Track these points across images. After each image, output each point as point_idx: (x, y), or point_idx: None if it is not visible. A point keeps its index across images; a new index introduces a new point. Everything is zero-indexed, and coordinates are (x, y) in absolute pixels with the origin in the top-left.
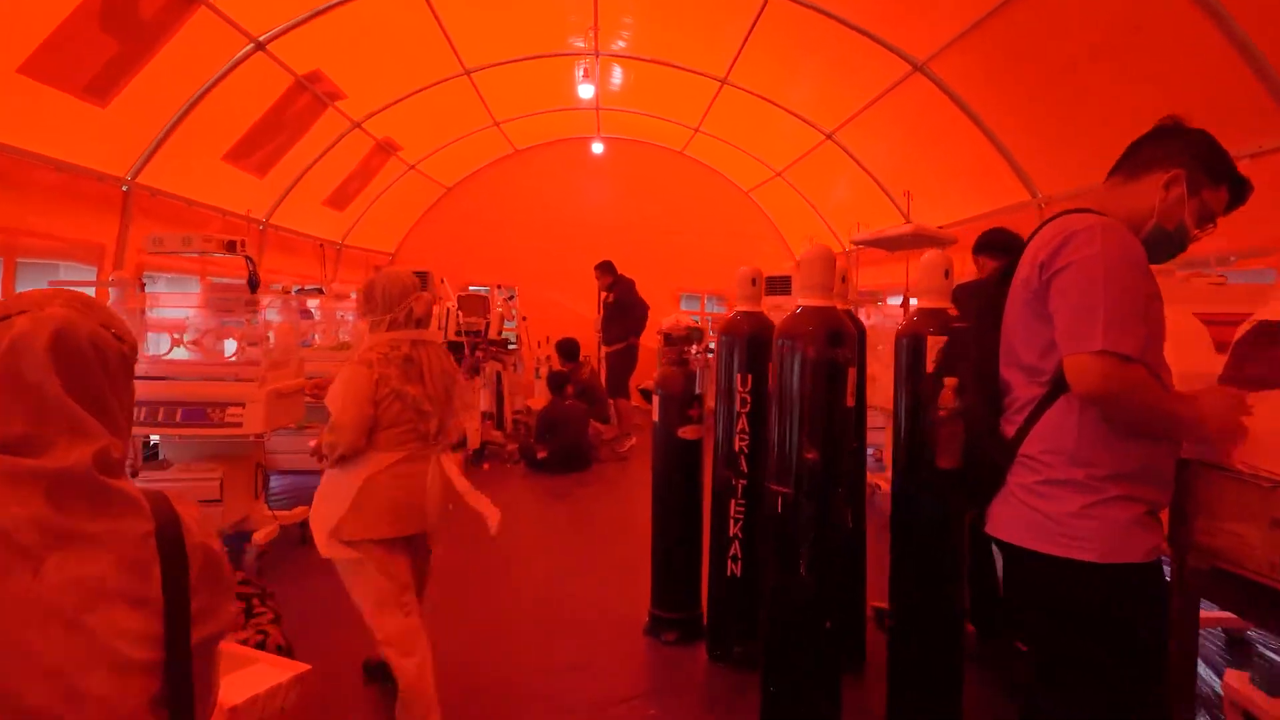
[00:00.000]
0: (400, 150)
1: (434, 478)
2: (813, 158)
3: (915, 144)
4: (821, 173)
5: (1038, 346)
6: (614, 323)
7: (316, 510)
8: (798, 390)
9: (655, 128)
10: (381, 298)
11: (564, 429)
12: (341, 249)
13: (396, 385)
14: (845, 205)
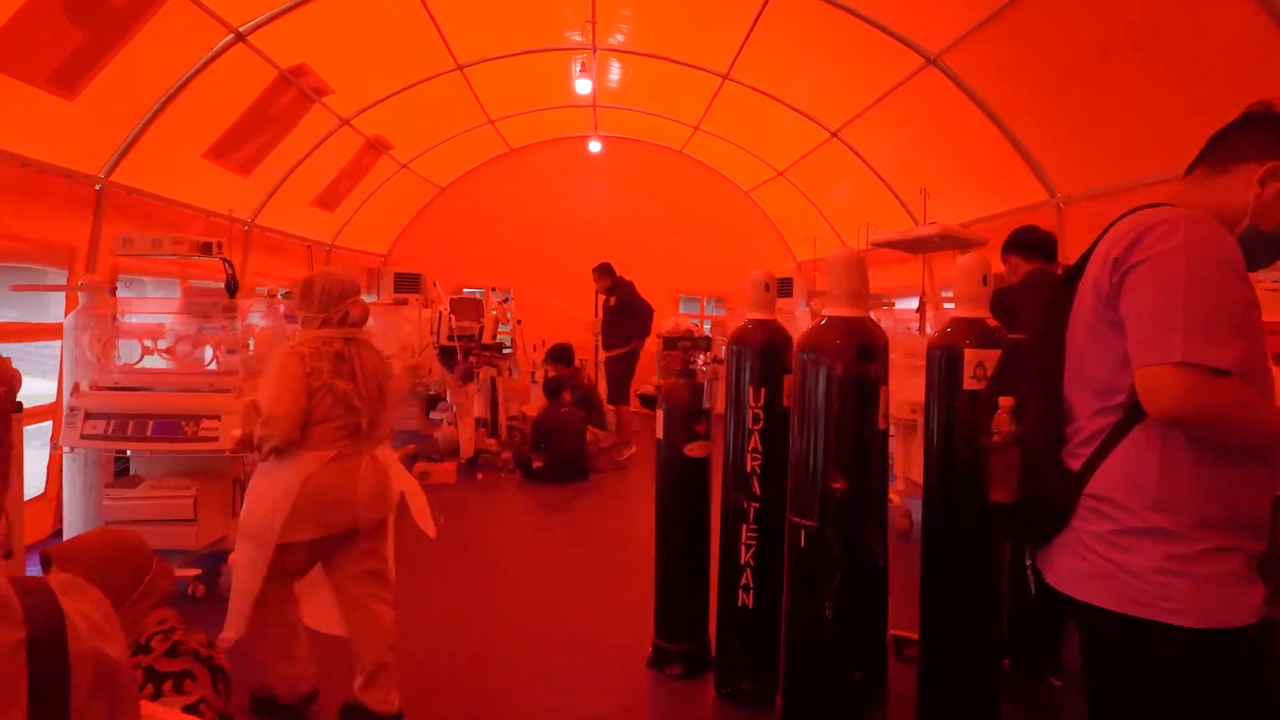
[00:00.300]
0: (391, 149)
1: (366, 474)
2: (817, 156)
3: (926, 141)
4: (825, 172)
5: (1110, 362)
6: (616, 326)
7: (253, 512)
8: (823, 411)
9: (654, 126)
10: (320, 297)
11: (560, 437)
12: (331, 250)
13: (329, 379)
14: (850, 205)
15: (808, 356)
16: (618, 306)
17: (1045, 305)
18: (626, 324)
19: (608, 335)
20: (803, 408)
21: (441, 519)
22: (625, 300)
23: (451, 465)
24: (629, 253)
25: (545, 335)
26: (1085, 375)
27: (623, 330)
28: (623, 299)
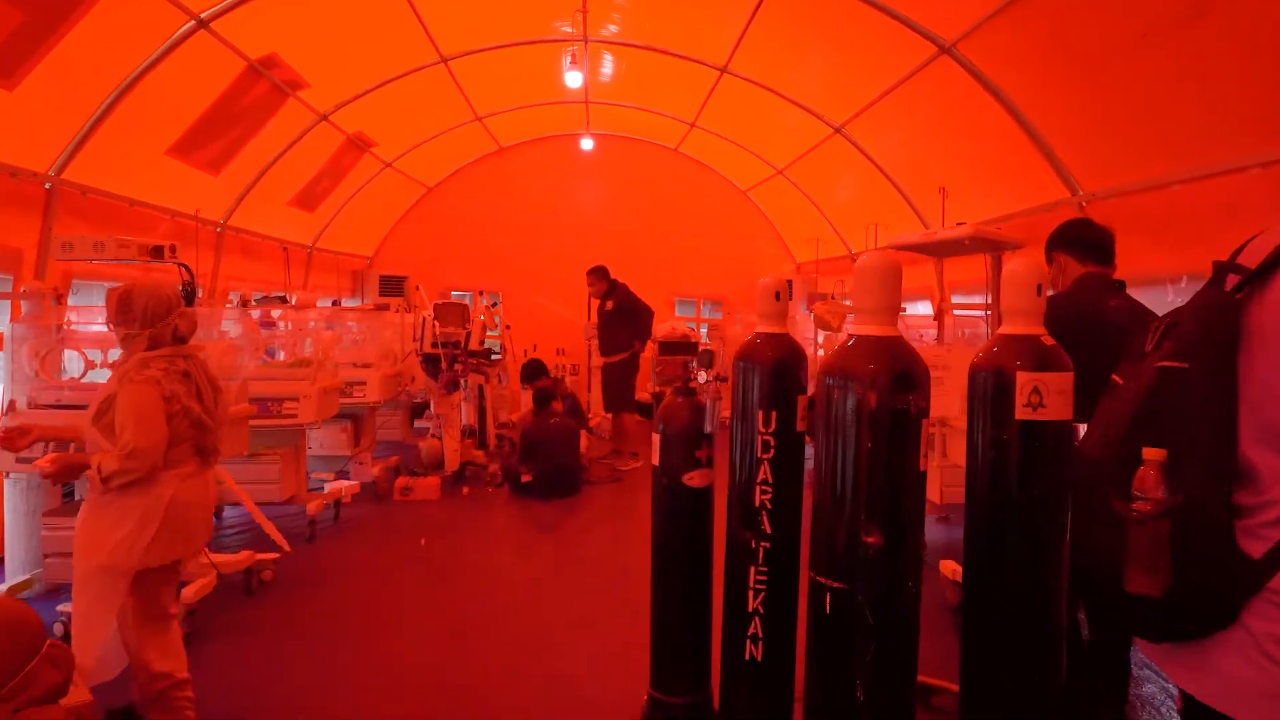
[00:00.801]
0: (374, 146)
1: (212, 492)
2: (819, 153)
3: (938, 136)
4: (828, 170)
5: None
6: (614, 331)
7: (99, 546)
8: (853, 449)
9: (648, 123)
10: (142, 312)
11: (551, 449)
12: (312, 253)
13: (185, 401)
14: (853, 205)
15: (834, 383)
16: (616, 310)
17: (1208, 326)
18: (627, 328)
19: (605, 340)
20: (828, 445)
21: (421, 542)
22: (624, 303)
23: (434, 480)
24: (623, 254)
25: (537, 339)
26: (1271, 426)
27: (623, 334)
28: (621, 302)
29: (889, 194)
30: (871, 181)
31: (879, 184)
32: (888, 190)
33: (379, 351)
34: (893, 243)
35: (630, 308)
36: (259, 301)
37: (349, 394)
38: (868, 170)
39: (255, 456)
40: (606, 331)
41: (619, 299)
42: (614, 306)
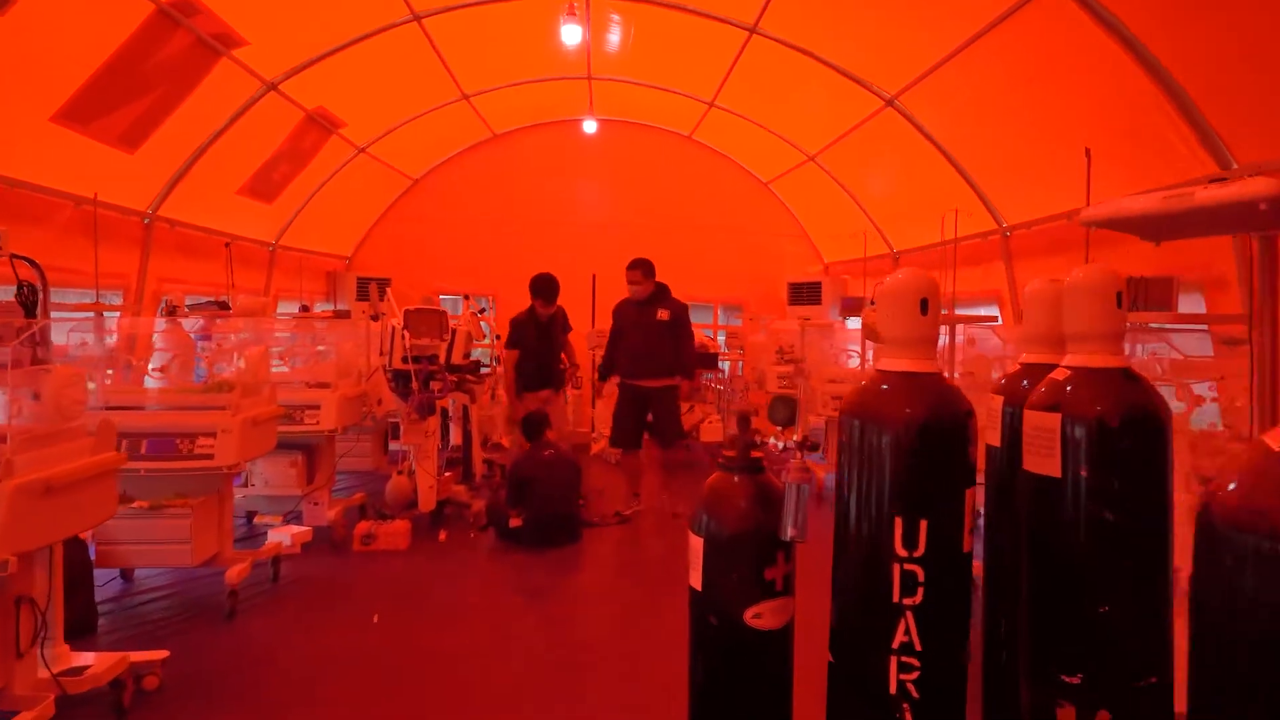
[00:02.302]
0: (342, 128)
1: None
2: (863, 133)
3: (1028, 103)
4: (873, 152)
5: None
6: (665, 348)
7: None
8: None
9: (659, 105)
10: None
11: (545, 488)
12: (276, 251)
13: None
14: (900, 195)
15: None
16: (672, 324)
17: None
18: (680, 348)
19: (654, 361)
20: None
21: (374, 619)
22: (681, 317)
23: (403, 525)
24: (630, 254)
25: None
26: None
27: (671, 355)
28: (678, 314)
29: (947, 180)
30: (928, 165)
31: (936, 168)
32: (946, 176)
33: (339, 368)
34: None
35: (684, 321)
36: (193, 308)
37: (298, 420)
38: (922, 152)
39: (158, 509)
40: (656, 349)
41: (674, 308)
42: (671, 319)
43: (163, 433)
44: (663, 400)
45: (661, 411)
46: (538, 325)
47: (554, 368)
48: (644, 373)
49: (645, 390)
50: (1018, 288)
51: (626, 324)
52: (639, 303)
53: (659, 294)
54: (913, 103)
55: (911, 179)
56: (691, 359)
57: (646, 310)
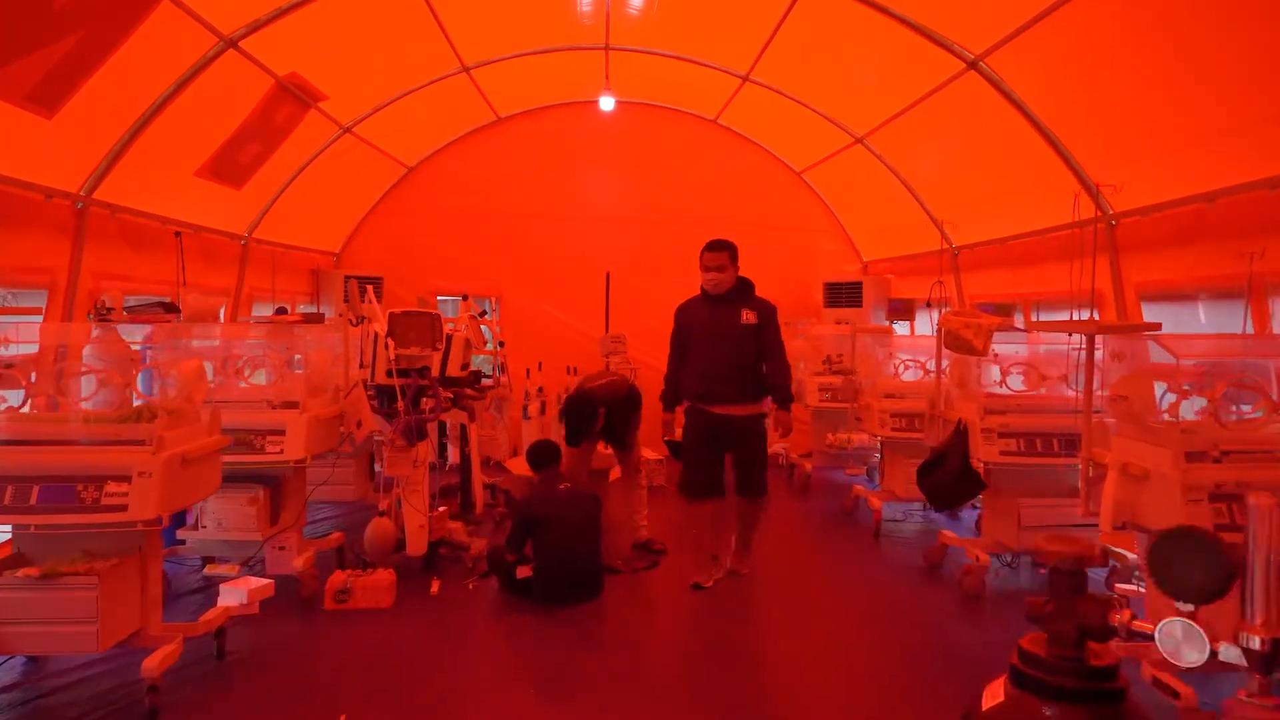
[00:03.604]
0: (323, 100)
1: None
2: (928, 108)
3: (1139, 68)
4: (934, 134)
5: None
6: (749, 363)
7: None
8: None
9: (684, 82)
10: None
11: (560, 531)
12: (249, 245)
13: None
14: (971, 183)
15: None
16: (759, 330)
17: None
18: (771, 363)
19: (726, 379)
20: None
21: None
22: (769, 319)
23: (386, 577)
24: (648, 252)
25: (542, 356)
26: None
27: (757, 373)
28: (766, 317)
29: (1032, 161)
30: (1007, 143)
31: (1019, 147)
32: (1031, 156)
33: (306, 385)
34: None
35: (773, 327)
36: (132, 310)
37: (258, 448)
38: (1001, 128)
39: (52, 578)
40: (731, 356)
41: (761, 310)
42: (756, 321)
43: (59, 476)
44: (746, 435)
45: (744, 451)
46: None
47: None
48: (720, 396)
49: (722, 420)
50: (1126, 287)
51: (696, 329)
52: (714, 299)
53: (741, 290)
54: (1001, 65)
55: (983, 161)
56: (785, 378)
57: (724, 311)
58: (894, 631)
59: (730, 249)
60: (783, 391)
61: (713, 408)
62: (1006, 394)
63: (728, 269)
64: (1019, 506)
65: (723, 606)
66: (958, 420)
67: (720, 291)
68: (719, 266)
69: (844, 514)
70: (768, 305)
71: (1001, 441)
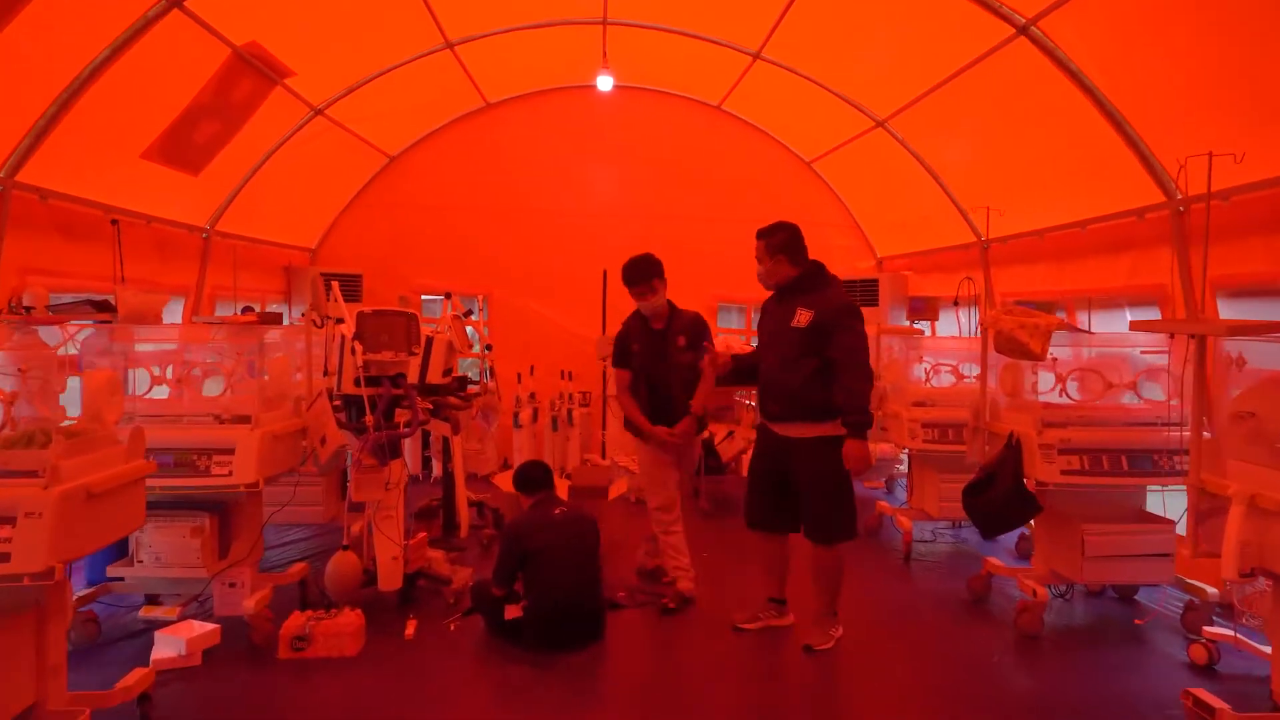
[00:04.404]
0: (290, 77)
1: None
2: (964, 84)
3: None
4: (967, 115)
5: None
6: (809, 373)
7: None
8: None
9: (688, 61)
10: None
11: (553, 565)
12: (210, 238)
13: None
14: (1008, 169)
15: None
16: (816, 333)
17: None
18: (838, 373)
19: (782, 392)
20: None
21: None
22: (835, 319)
23: (351, 620)
24: (647, 247)
25: (534, 359)
26: None
27: (821, 384)
28: (830, 317)
29: (1084, 142)
30: (1054, 122)
31: (1068, 125)
32: (1085, 135)
33: (259, 396)
34: None
35: (843, 328)
36: (57, 309)
37: (202, 470)
38: (1059, 100)
39: None
40: (788, 364)
41: (821, 308)
42: (812, 322)
43: None
44: (807, 462)
45: (809, 480)
46: (649, 335)
47: (675, 396)
48: (773, 412)
49: (779, 441)
50: (1196, 280)
51: (761, 331)
52: (779, 295)
53: (801, 284)
54: (1057, 28)
55: (1022, 145)
56: (855, 396)
57: (782, 309)
58: (944, 681)
59: (773, 235)
60: (851, 414)
61: (773, 425)
62: (1067, 404)
63: (766, 260)
64: (1082, 533)
65: (745, 653)
66: (1009, 434)
67: (774, 286)
68: (759, 257)
69: (867, 533)
70: (835, 302)
71: (1062, 459)
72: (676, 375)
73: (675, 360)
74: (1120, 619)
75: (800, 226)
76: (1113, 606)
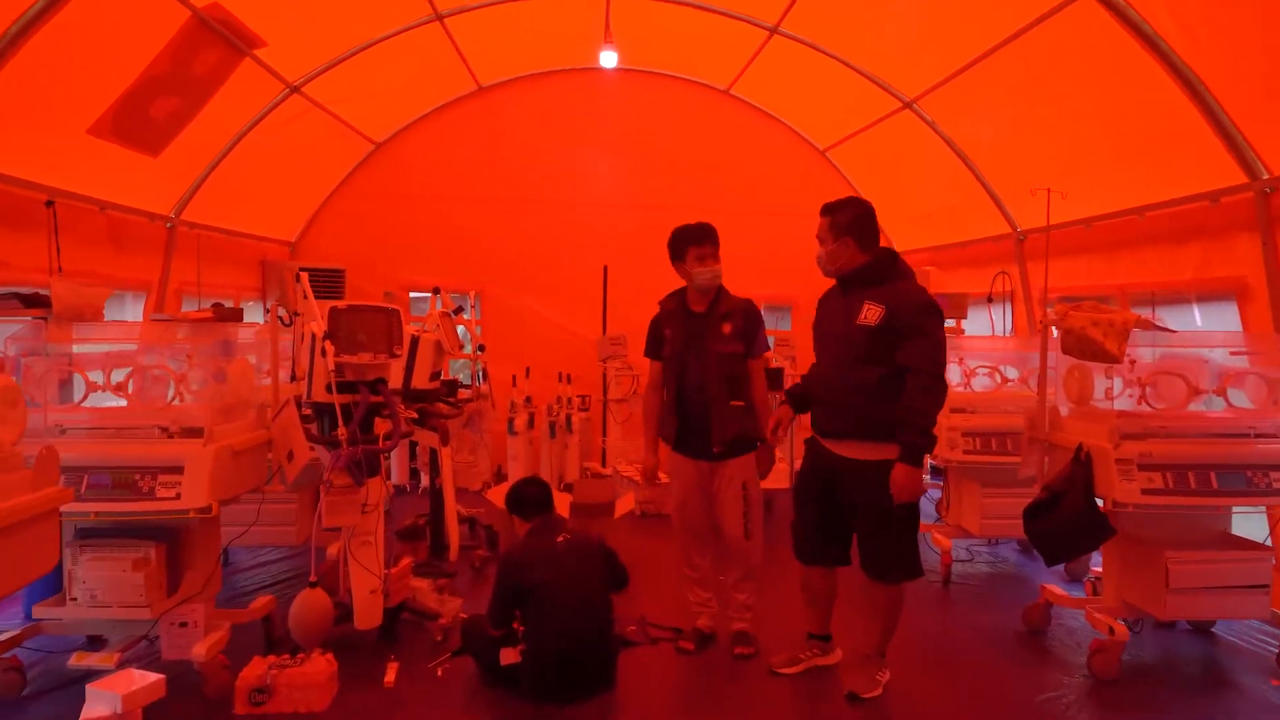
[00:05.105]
0: (261, 47)
1: None
2: (1010, 56)
3: None
4: (1009, 92)
5: None
6: (868, 382)
7: None
8: None
9: (696, 38)
10: None
11: (556, 603)
12: (175, 227)
13: None
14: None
15: None
16: (885, 334)
17: None
18: (908, 385)
19: (837, 402)
20: None
21: None
22: (910, 320)
23: (320, 669)
24: (651, 241)
25: (530, 360)
26: None
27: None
28: (903, 316)
29: (1162, 115)
30: (1133, 94)
31: (1146, 98)
32: (1162, 107)
33: (220, 402)
34: None
35: (921, 331)
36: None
37: (144, 491)
38: (1124, 71)
39: None
40: (844, 369)
41: (896, 303)
42: (883, 321)
43: None
44: (869, 488)
45: (869, 509)
46: (686, 319)
47: (711, 399)
48: (828, 427)
49: (832, 460)
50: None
51: (820, 328)
52: (843, 287)
53: (869, 274)
54: None
55: (1068, 124)
56: (916, 413)
57: (846, 303)
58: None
59: (839, 212)
60: (907, 430)
61: (826, 442)
62: (1145, 412)
63: (829, 241)
64: (1166, 562)
65: (780, 702)
66: (1077, 447)
67: (837, 273)
68: (820, 236)
69: None
70: (912, 298)
71: (1143, 476)
72: (715, 371)
73: (714, 350)
74: (1200, 656)
75: (814, 219)
76: (1189, 642)
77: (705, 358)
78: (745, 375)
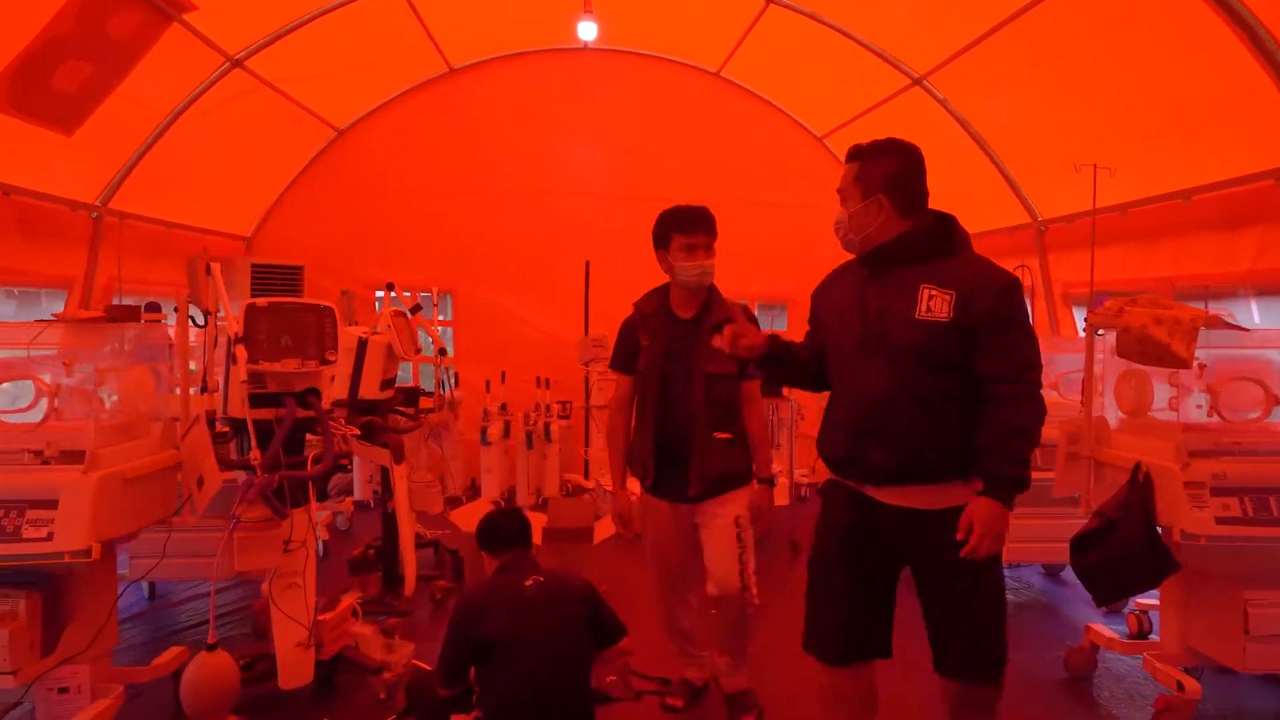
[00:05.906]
0: (191, 11)
1: None
2: (1036, 21)
3: None
4: (1040, 64)
5: None
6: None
7: None
8: None
9: (683, 15)
10: None
11: (523, 661)
12: (102, 218)
13: None
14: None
15: None
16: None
17: None
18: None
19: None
20: None
21: None
22: (1001, 310)
23: None
24: (636, 235)
25: (505, 363)
26: None
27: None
28: (993, 305)
29: (1220, 79)
30: (1183, 59)
31: (1200, 61)
32: (1220, 70)
33: (110, 420)
34: None
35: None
36: None
37: (8, 532)
38: (1176, 35)
39: None
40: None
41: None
42: (955, 311)
43: None
44: (939, 547)
45: (939, 576)
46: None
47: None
48: (874, 467)
49: (881, 511)
50: None
51: (832, 324)
52: (873, 267)
53: (924, 247)
54: None
55: (1101, 99)
56: (1018, 432)
57: (885, 288)
58: None
59: (872, 159)
60: (997, 458)
61: (865, 487)
62: (1214, 425)
63: (854, 199)
64: (1245, 603)
65: None
66: (1134, 467)
67: (862, 245)
68: (843, 191)
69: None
70: (992, 279)
71: (1217, 502)
72: (700, 394)
73: (702, 370)
74: (1273, 708)
75: (810, 210)
76: (1263, 693)
77: (690, 376)
78: (737, 401)
